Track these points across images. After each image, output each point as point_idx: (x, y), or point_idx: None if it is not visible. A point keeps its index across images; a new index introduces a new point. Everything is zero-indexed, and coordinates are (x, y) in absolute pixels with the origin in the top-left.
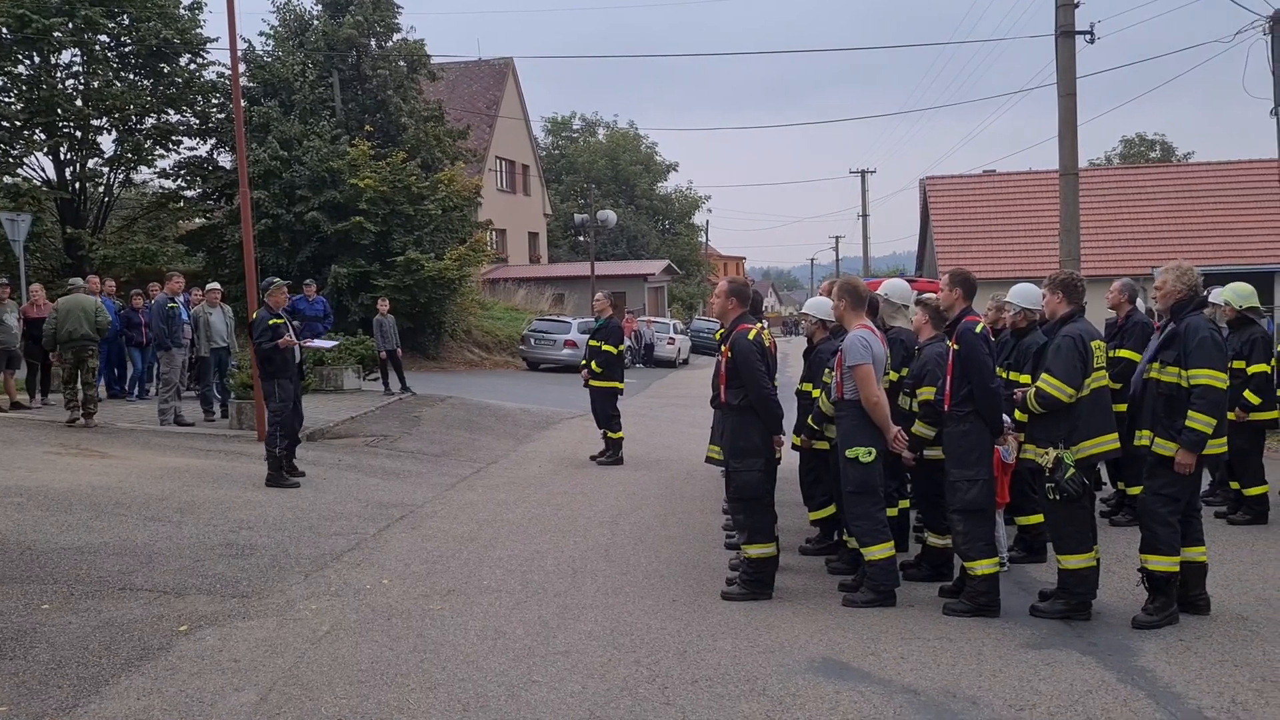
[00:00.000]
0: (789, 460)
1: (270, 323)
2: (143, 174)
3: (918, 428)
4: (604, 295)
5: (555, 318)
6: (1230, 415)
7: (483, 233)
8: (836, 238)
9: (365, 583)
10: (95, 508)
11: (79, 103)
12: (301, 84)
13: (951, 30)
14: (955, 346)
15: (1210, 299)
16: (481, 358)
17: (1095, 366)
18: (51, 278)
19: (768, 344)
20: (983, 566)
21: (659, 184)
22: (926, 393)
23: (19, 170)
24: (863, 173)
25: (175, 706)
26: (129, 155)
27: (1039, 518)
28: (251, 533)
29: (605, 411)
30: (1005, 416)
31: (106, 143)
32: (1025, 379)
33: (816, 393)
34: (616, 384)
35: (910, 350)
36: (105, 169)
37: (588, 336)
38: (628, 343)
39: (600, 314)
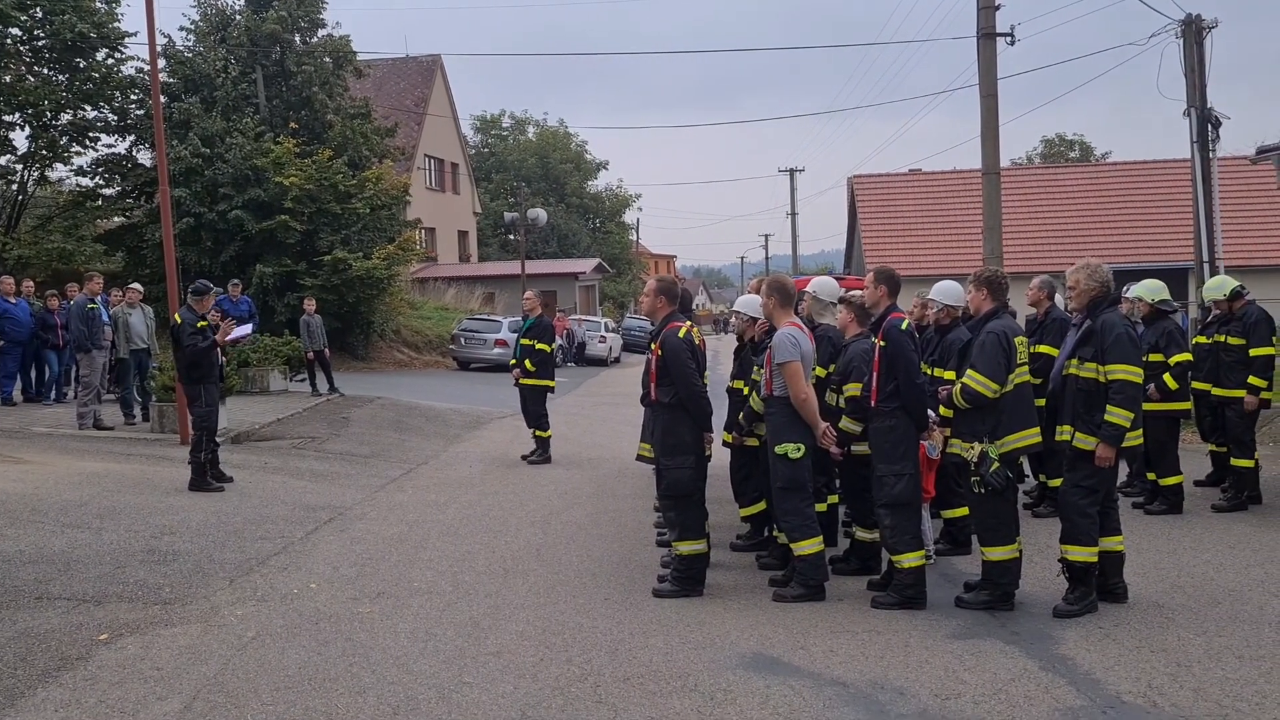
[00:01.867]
0: (719, 457)
1: (198, 324)
2: (58, 171)
3: (845, 423)
4: (533, 294)
5: (486, 317)
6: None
7: (411, 231)
8: (766, 236)
9: (292, 587)
10: (9, 515)
11: None
12: (223, 80)
13: (877, 32)
14: (881, 343)
15: (1125, 295)
16: (411, 357)
17: (1018, 362)
18: None
19: (698, 342)
20: (909, 559)
21: (589, 182)
22: (853, 389)
23: None
24: (791, 171)
25: (96, 717)
26: (44, 152)
27: (964, 511)
28: (174, 538)
29: (535, 410)
30: (930, 412)
31: (20, 139)
32: (950, 375)
33: (747, 390)
34: (547, 382)
35: (837, 347)
36: (19, 166)
37: (518, 335)
38: (559, 342)
39: (530, 313)
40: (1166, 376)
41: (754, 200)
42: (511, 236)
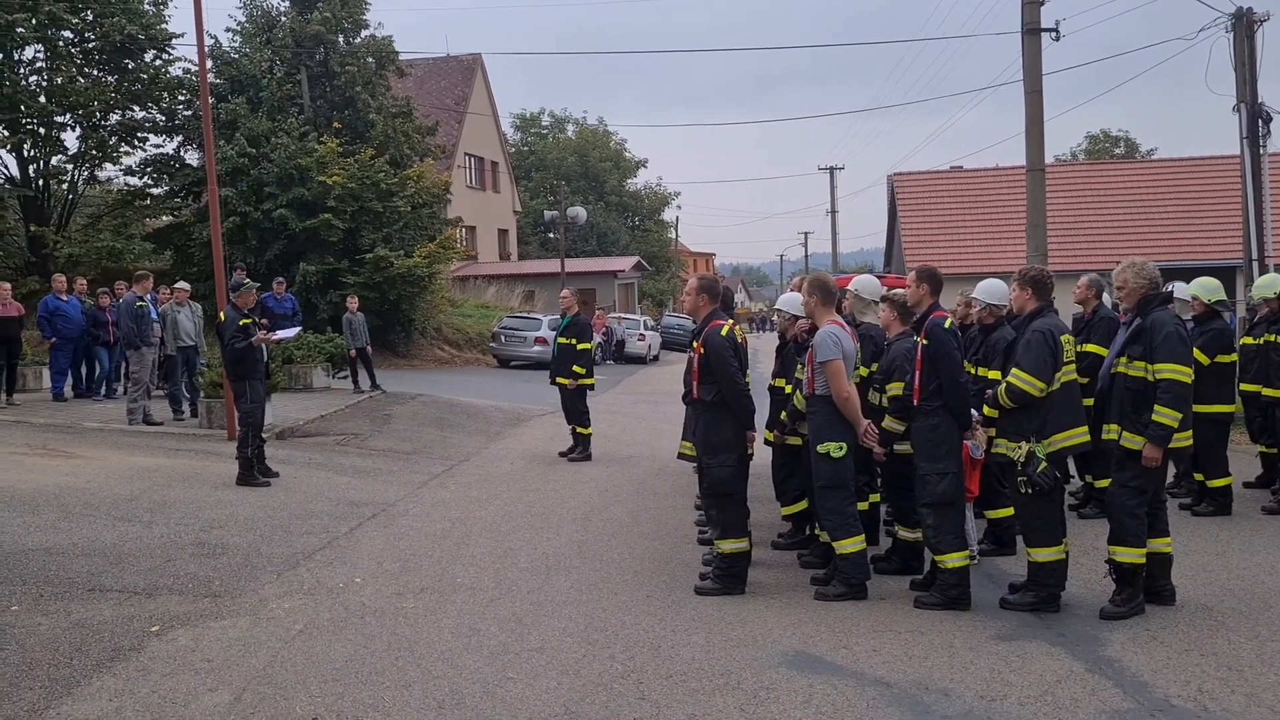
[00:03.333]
0: (761, 455)
1: (241, 322)
2: (108, 171)
3: (887, 422)
4: (569, 292)
5: (525, 315)
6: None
7: (452, 230)
8: (805, 234)
9: (338, 581)
10: (63, 508)
11: (42, 99)
12: (269, 81)
13: (918, 27)
14: (924, 342)
15: (1175, 294)
16: (452, 355)
17: (1065, 360)
18: (15, 276)
19: (740, 340)
20: (953, 559)
21: (628, 180)
22: (895, 388)
23: None
24: (831, 169)
25: (148, 707)
26: (94, 152)
27: (1008, 511)
28: (223, 532)
29: (576, 407)
30: (973, 410)
31: (70, 139)
32: (994, 374)
33: (789, 388)
34: (588, 380)
35: (879, 346)
36: (69, 166)
37: (555, 334)
38: (597, 339)
39: (567, 311)
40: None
41: (793, 198)
42: (551, 235)
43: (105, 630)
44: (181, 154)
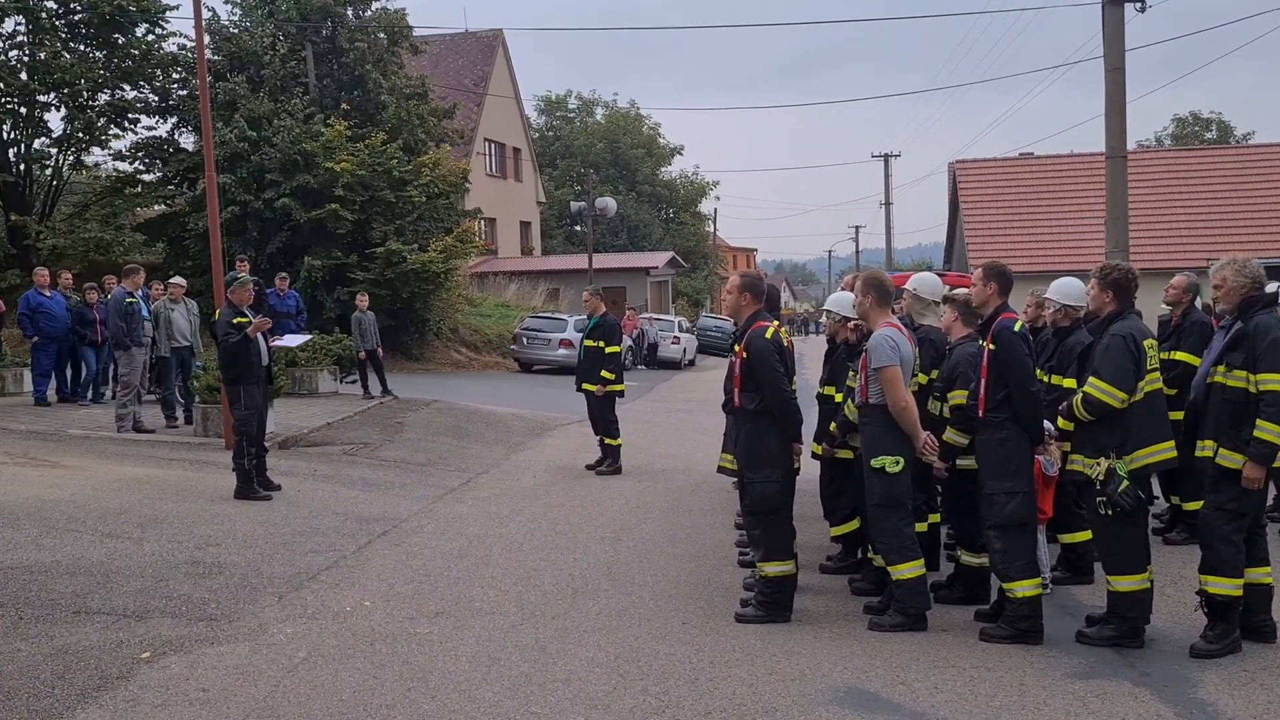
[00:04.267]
0: (809, 470)
1: (235, 320)
2: (95, 156)
3: (950, 435)
4: (592, 291)
5: (550, 315)
6: None
7: (470, 222)
8: (857, 227)
9: (345, 604)
10: (45, 523)
11: (24, 76)
12: (271, 58)
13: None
14: (991, 346)
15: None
16: (469, 358)
17: (1148, 368)
18: None
19: (786, 343)
20: (1023, 588)
21: (663, 169)
22: (959, 397)
23: None
24: (886, 156)
25: None
26: (80, 135)
27: (1086, 535)
28: (220, 550)
29: (604, 417)
30: (1046, 423)
31: (55, 121)
32: (1069, 383)
33: (839, 396)
34: (617, 387)
35: (940, 350)
36: (54, 150)
37: (581, 337)
38: (627, 342)
39: (593, 312)
40: None
41: (844, 188)
42: (578, 228)
43: (91, 657)
44: (176, 137)
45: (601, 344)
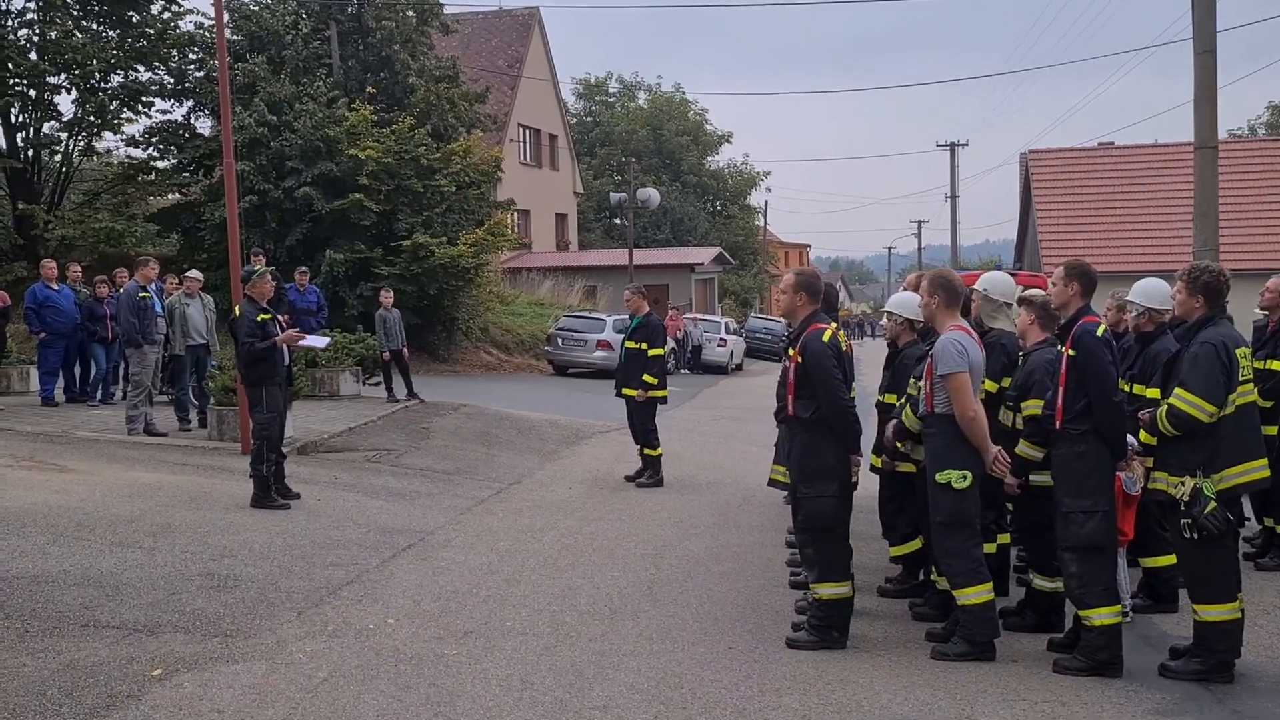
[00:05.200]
0: (867, 485)
1: (259, 318)
2: (107, 141)
3: (1023, 448)
4: (634, 289)
5: (587, 314)
6: None
7: (503, 214)
8: (919, 222)
9: (368, 622)
10: (53, 531)
11: (33, 56)
12: (293, 37)
13: None
14: (1070, 352)
15: None
16: (500, 360)
17: (1240, 379)
18: (0, 260)
19: (844, 347)
20: (1101, 616)
21: (710, 158)
22: (1033, 407)
23: None
24: (952, 146)
25: None
26: (91, 118)
27: (1170, 559)
28: (235, 562)
29: (644, 424)
30: (1129, 437)
31: (65, 104)
32: (1152, 393)
33: (901, 402)
34: (659, 392)
35: (1013, 356)
36: (63, 134)
37: (623, 338)
38: (670, 344)
39: (636, 312)
40: None
41: (905, 180)
42: (618, 221)
43: (100, 673)
44: (191, 122)
45: (644, 346)
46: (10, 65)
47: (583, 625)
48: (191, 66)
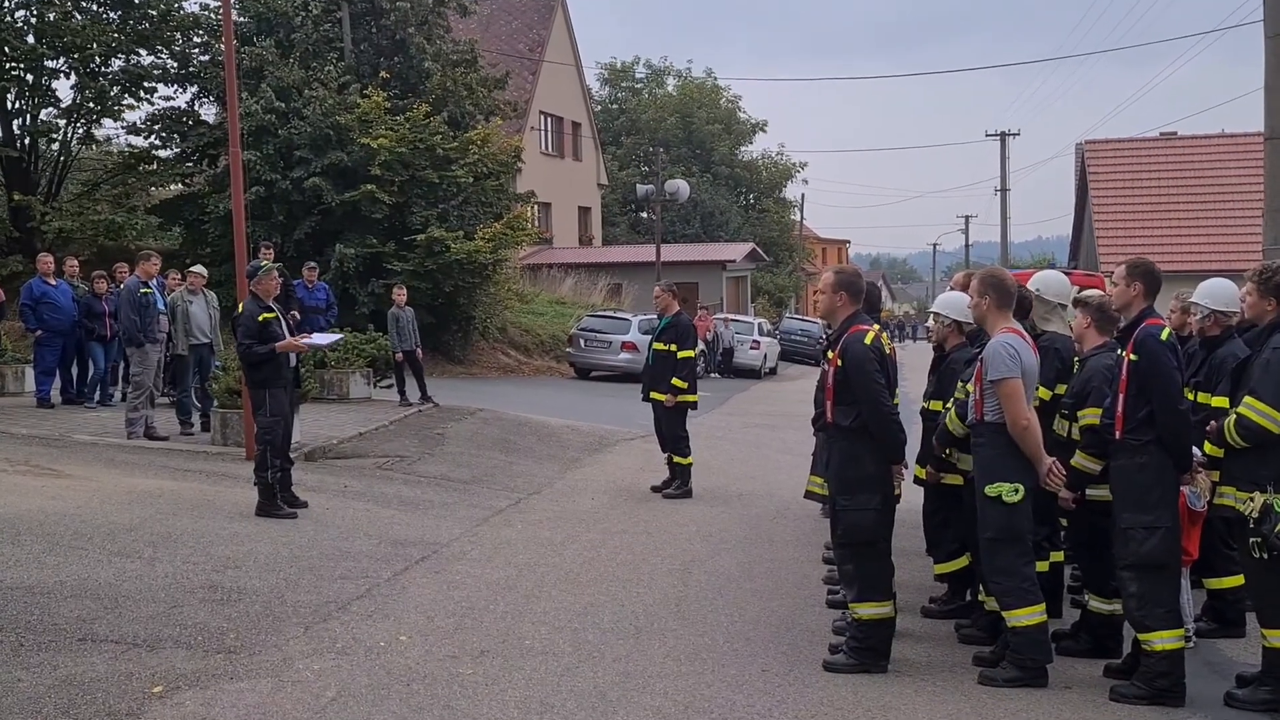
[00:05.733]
0: (911, 497)
1: (260, 317)
2: (107, 128)
3: (1079, 460)
4: (664, 286)
5: (611, 314)
6: None
7: (523, 206)
8: (967, 217)
9: (379, 638)
10: (49, 539)
11: (31, 39)
12: (303, 19)
13: None
14: (1132, 357)
15: None
16: (519, 362)
17: None
18: None
19: (887, 351)
20: (1162, 640)
21: (743, 148)
22: (1091, 415)
23: None
24: (1003, 135)
25: None
26: (91, 105)
27: (1237, 580)
28: (239, 573)
29: (673, 431)
30: (1194, 449)
31: (64, 89)
32: (1219, 402)
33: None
34: (689, 397)
35: (1068, 362)
36: (61, 121)
37: (650, 339)
38: (700, 346)
39: (664, 311)
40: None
41: (951, 172)
42: (644, 214)
43: (98, 689)
44: (196, 108)
45: (672, 348)
46: (6, 49)
47: (606, 645)
48: (196, 50)
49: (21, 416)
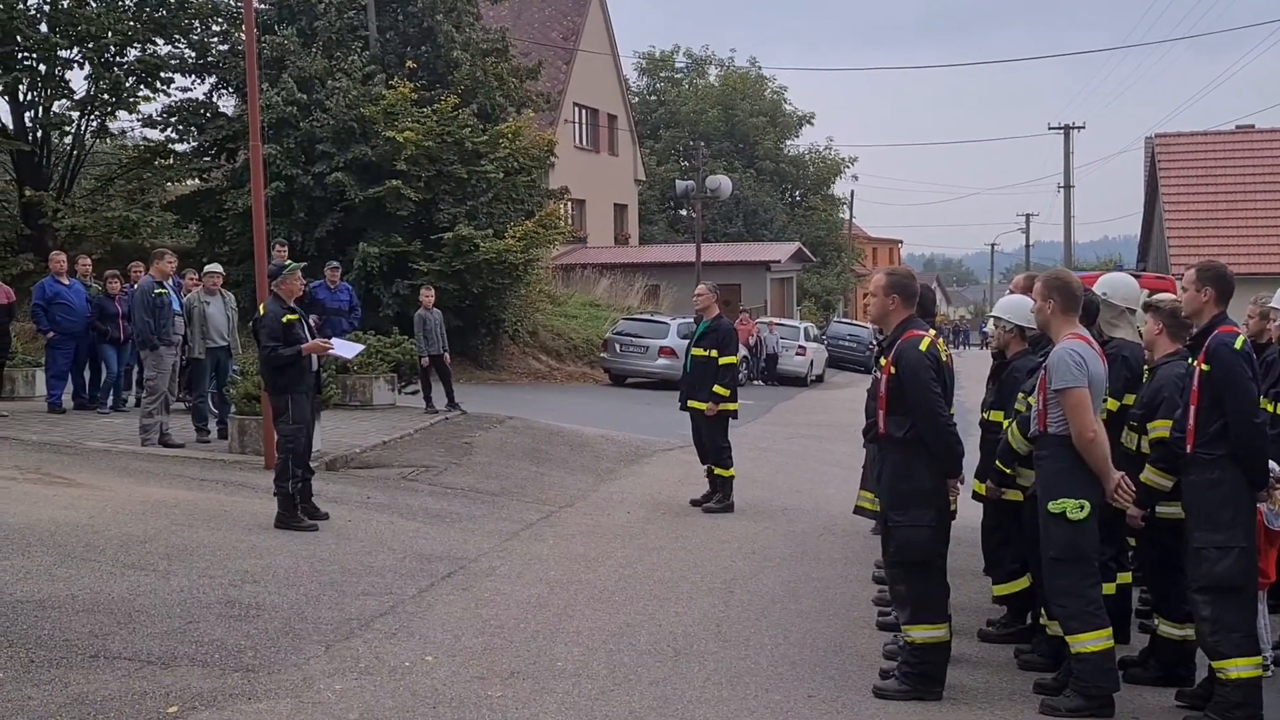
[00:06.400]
0: (967, 513)
1: (284, 319)
2: (121, 121)
3: (1148, 475)
4: (709, 287)
5: (648, 317)
6: None
7: (556, 204)
8: (1027, 216)
9: (404, 658)
10: (60, 550)
11: (43, 28)
12: (326, 7)
13: None
14: (1204, 367)
15: None
16: (551, 367)
17: None
18: (5, 252)
19: (944, 358)
20: (1238, 668)
21: (789, 142)
22: (1161, 427)
23: None
24: (1066, 129)
25: None
26: (105, 96)
27: None
28: (257, 588)
29: (714, 441)
30: (1271, 463)
31: (77, 80)
32: None
33: (1008, 423)
34: (730, 405)
35: (1137, 370)
36: (75, 114)
37: (688, 344)
38: (743, 351)
39: (704, 313)
40: None
41: (1011, 169)
42: (684, 212)
43: (111, 708)
44: (214, 100)
45: (713, 353)
46: (19, 37)
47: (643, 667)
48: (215, 39)
49: (32, 422)
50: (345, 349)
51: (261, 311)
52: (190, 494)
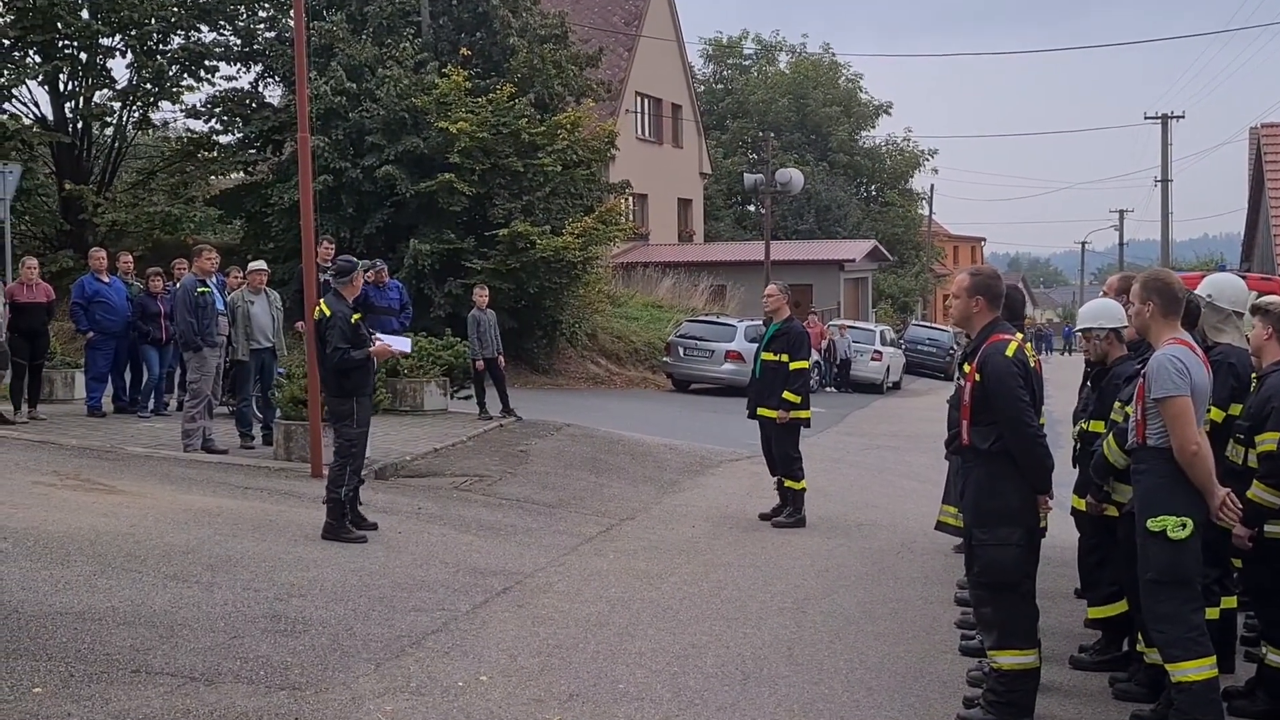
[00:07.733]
0: (1058, 531)
1: (353, 319)
2: (164, 111)
3: (1256, 491)
4: (780, 287)
5: (714, 319)
6: None
7: (617, 198)
8: (1120, 212)
9: (457, 678)
10: (101, 560)
11: (85, 15)
12: None
13: None
14: None
15: None
16: (610, 372)
17: None
18: (44, 248)
19: (1032, 364)
20: None
21: (864, 133)
22: (1269, 440)
23: (6, 104)
24: (1164, 118)
25: None
26: (148, 85)
27: None
28: (304, 602)
29: (784, 452)
30: None
31: (119, 69)
32: None
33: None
34: (802, 413)
35: (1244, 379)
36: (116, 104)
37: (757, 347)
38: (815, 356)
39: (774, 315)
40: None
41: (1103, 161)
42: (752, 208)
43: None
44: (260, 90)
45: (783, 358)
46: (60, 25)
47: (709, 691)
48: (261, 26)
49: (71, 426)
50: (398, 342)
51: (327, 312)
52: (234, 502)
